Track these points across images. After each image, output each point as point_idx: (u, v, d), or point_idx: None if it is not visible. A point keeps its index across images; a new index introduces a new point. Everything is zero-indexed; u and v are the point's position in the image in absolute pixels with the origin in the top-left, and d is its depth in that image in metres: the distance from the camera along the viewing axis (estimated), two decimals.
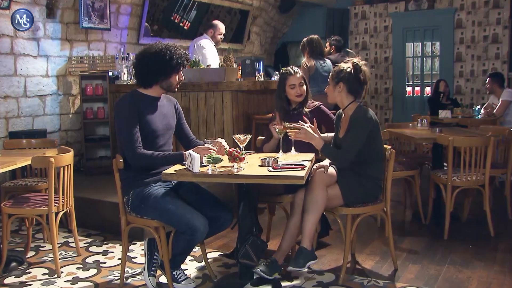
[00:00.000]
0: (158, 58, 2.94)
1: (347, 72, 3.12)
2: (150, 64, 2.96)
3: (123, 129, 2.92)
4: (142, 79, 3.03)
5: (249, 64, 5.31)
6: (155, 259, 3.10)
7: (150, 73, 2.98)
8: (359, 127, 3.06)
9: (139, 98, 3.01)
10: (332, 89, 3.19)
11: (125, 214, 3.05)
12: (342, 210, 3.12)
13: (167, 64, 2.95)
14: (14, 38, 5.18)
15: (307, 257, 2.94)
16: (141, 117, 2.94)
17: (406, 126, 5.02)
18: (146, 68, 2.98)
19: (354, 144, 3.05)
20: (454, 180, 3.93)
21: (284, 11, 9.14)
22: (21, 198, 3.56)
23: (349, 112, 3.17)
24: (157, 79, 3.00)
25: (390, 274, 3.27)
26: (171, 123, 3.13)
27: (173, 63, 2.96)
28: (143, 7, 6.48)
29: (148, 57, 2.97)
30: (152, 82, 3.02)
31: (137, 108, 2.94)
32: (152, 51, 2.98)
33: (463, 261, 3.45)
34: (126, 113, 2.92)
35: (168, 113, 3.12)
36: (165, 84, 3.03)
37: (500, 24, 7.86)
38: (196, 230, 2.78)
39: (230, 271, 3.36)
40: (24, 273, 3.39)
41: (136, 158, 2.89)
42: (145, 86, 3.04)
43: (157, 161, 2.94)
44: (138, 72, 3.04)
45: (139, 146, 2.89)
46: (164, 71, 2.98)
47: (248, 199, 2.86)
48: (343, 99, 3.17)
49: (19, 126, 5.32)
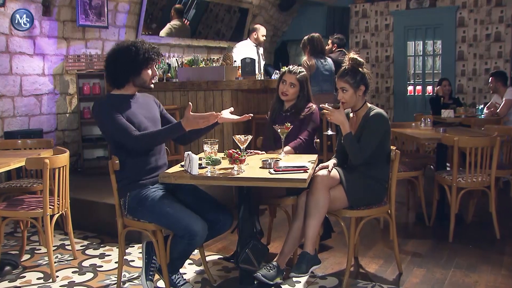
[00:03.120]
0: (125, 55, 2.85)
1: (360, 72, 3.04)
2: (118, 62, 2.87)
3: (111, 124, 2.80)
4: (114, 80, 2.94)
5: (249, 63, 5.22)
6: (153, 263, 3.01)
7: (120, 72, 2.89)
8: (377, 127, 3.01)
9: (113, 99, 2.93)
10: (354, 94, 3.05)
11: (122, 217, 2.96)
12: (346, 212, 3.04)
13: (134, 60, 2.85)
14: (10, 36, 5.09)
15: (310, 262, 2.85)
16: (122, 115, 2.84)
17: (409, 125, 4.92)
18: (115, 67, 2.89)
19: (371, 143, 2.99)
20: (459, 181, 3.85)
21: (284, 9, 9.06)
22: (16, 200, 3.47)
23: (361, 113, 3.10)
24: (128, 77, 2.91)
25: (395, 279, 3.18)
26: (155, 114, 3.03)
27: (140, 58, 2.86)
28: (141, 5, 6.39)
29: (115, 56, 2.89)
30: (124, 81, 2.92)
31: (114, 108, 2.84)
32: (117, 49, 2.90)
33: (469, 265, 3.36)
34: (108, 109, 2.82)
35: (148, 104, 3.03)
36: (138, 81, 2.93)
37: (502, 22, 7.78)
38: (195, 234, 2.69)
39: (230, 275, 3.27)
40: (18, 277, 3.30)
41: (137, 141, 2.78)
42: (118, 86, 2.95)
43: (157, 136, 2.84)
44: (108, 73, 2.95)
45: (134, 130, 2.80)
46: (133, 68, 2.88)
47: (249, 202, 2.77)
48: (359, 101, 3.10)
49: (14, 126, 5.23)
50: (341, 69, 3.13)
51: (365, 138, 3.00)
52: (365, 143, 3.00)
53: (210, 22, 7.76)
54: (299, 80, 3.57)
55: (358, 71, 3.05)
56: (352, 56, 3.09)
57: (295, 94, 3.58)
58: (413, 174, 4.24)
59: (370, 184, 3.04)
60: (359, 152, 3.00)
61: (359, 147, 3.00)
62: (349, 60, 3.09)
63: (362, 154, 2.99)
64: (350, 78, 3.04)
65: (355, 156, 3.03)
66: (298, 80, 3.56)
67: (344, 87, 3.06)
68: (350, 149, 3.04)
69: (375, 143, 3.00)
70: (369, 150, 2.99)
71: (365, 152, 2.99)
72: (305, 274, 2.85)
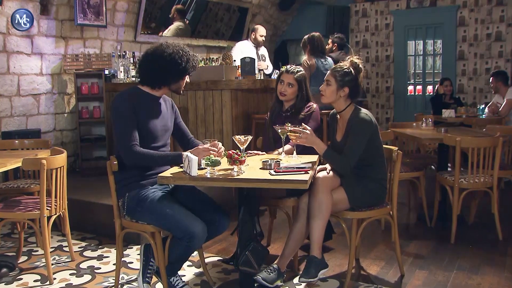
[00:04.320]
0: (175, 60, 2.79)
1: (353, 76, 2.98)
2: (166, 65, 2.79)
3: (119, 125, 2.77)
4: (152, 79, 2.86)
5: (249, 62, 5.18)
6: (151, 266, 2.97)
7: (162, 74, 2.82)
8: (360, 132, 2.91)
9: (138, 95, 2.86)
10: (335, 91, 2.98)
11: (120, 218, 2.92)
12: (348, 214, 2.99)
13: (183, 68, 2.81)
14: (7, 35, 5.04)
15: (318, 266, 2.81)
16: (138, 116, 2.79)
17: (410, 126, 4.89)
18: (159, 68, 2.80)
19: (356, 149, 2.90)
20: (461, 182, 3.80)
21: (284, 8, 9.01)
22: (12, 201, 3.42)
23: (346, 115, 3.03)
24: (169, 81, 2.86)
25: (397, 281, 3.14)
26: (169, 124, 2.99)
27: (188, 66, 2.84)
28: (140, 4, 6.34)
29: (164, 58, 2.79)
30: (162, 84, 2.87)
31: (135, 106, 2.79)
32: (169, 52, 2.80)
33: (472, 267, 3.32)
34: (123, 108, 2.77)
35: (166, 113, 2.97)
36: (174, 87, 2.90)
37: (503, 21, 7.73)
38: (194, 236, 2.64)
39: (230, 277, 3.23)
40: (15, 279, 3.25)
41: (131, 156, 2.74)
42: (153, 86, 2.88)
43: (153, 160, 2.79)
44: (149, 71, 2.85)
45: (136, 143, 2.74)
46: (178, 74, 2.84)
47: (249, 203, 2.73)
48: (342, 103, 3.01)
49: (12, 126, 5.18)
50: (337, 64, 3.09)
51: (349, 145, 2.92)
52: (350, 150, 2.90)
53: (210, 21, 7.72)
54: (297, 79, 3.52)
55: (351, 74, 2.98)
56: (355, 60, 3.03)
57: (294, 94, 3.53)
58: (414, 175, 4.20)
59: (369, 185, 2.99)
60: (344, 162, 2.90)
61: (343, 158, 2.90)
62: (350, 61, 3.04)
63: (348, 163, 2.89)
64: (338, 75, 2.98)
65: (342, 168, 2.94)
66: (296, 80, 3.51)
67: (329, 81, 3.01)
68: (334, 164, 2.97)
69: (361, 148, 2.90)
70: (355, 157, 2.90)
71: (351, 159, 2.89)
72: (314, 278, 2.80)
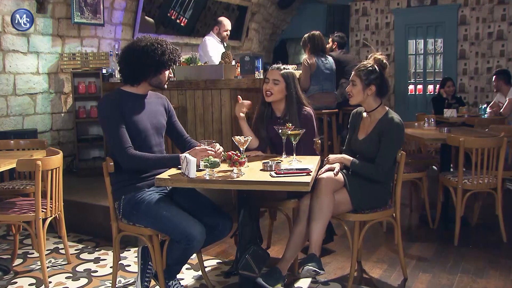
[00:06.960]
0: (149, 53, 2.72)
1: (378, 73, 2.94)
2: (140, 59, 2.73)
3: (108, 130, 2.70)
4: (129, 76, 2.80)
5: (248, 61, 5.10)
6: (149, 269, 2.90)
7: (139, 69, 2.75)
8: (396, 139, 2.90)
9: (122, 96, 2.79)
10: (361, 91, 2.95)
11: (116, 220, 2.84)
12: (350, 216, 2.92)
13: (159, 60, 2.74)
14: (2, 34, 4.96)
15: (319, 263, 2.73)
16: (126, 117, 2.71)
17: (412, 125, 4.81)
18: (134, 63, 2.75)
19: (390, 156, 2.90)
20: (465, 183, 3.74)
21: (284, 7, 8.95)
22: (7, 203, 3.34)
23: (376, 115, 2.98)
24: (146, 75, 2.78)
25: (400, 284, 3.07)
26: (161, 121, 2.90)
27: (165, 59, 2.76)
28: (138, 2, 6.27)
29: (138, 52, 2.74)
30: (141, 79, 2.80)
31: (120, 107, 2.72)
32: (142, 45, 2.75)
33: (476, 270, 3.25)
34: (108, 112, 2.70)
35: (157, 110, 2.89)
36: (155, 81, 2.82)
37: (505, 20, 7.68)
38: (192, 238, 2.56)
39: (230, 281, 3.15)
40: (10, 283, 3.18)
41: (127, 160, 2.67)
42: (132, 83, 2.82)
43: (150, 163, 2.72)
44: (125, 68, 2.80)
45: (130, 146, 2.67)
46: (155, 67, 2.76)
47: (249, 206, 2.66)
48: (372, 102, 2.98)
49: (8, 126, 5.10)
50: (360, 64, 3.04)
51: (384, 151, 2.89)
52: (384, 157, 2.89)
53: (208, 20, 7.64)
54: (283, 75, 3.16)
55: (375, 71, 2.94)
56: (378, 56, 2.99)
57: (281, 93, 3.17)
58: (417, 176, 4.13)
59: (374, 187, 2.93)
60: (377, 170, 2.88)
61: (376, 166, 2.88)
62: (373, 58, 3.00)
63: (381, 171, 2.88)
64: (363, 74, 2.94)
65: (375, 176, 2.91)
66: (282, 76, 3.15)
67: (354, 81, 2.98)
68: (365, 173, 2.94)
69: (395, 154, 2.91)
70: (388, 163, 2.89)
71: (385, 165, 2.89)
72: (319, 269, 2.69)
